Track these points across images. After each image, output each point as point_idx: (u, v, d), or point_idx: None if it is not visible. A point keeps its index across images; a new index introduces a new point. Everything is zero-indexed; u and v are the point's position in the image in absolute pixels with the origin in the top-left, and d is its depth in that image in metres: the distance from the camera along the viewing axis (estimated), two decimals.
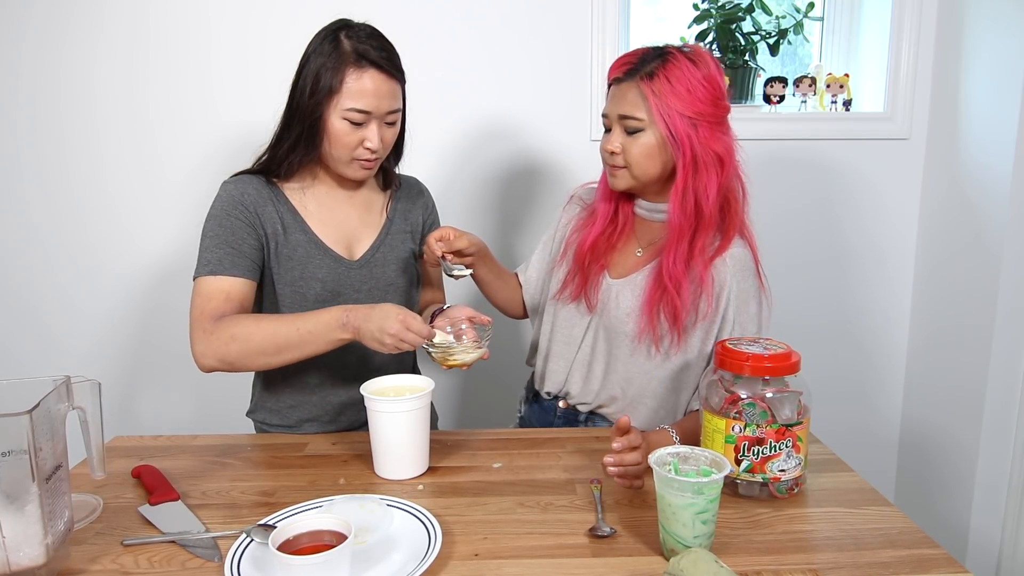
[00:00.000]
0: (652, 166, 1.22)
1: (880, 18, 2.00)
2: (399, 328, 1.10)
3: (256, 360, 1.19)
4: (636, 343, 1.28)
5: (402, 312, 1.13)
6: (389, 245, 1.38)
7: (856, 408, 2.14)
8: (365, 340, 1.14)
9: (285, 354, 1.18)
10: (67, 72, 1.90)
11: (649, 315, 1.25)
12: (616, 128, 1.24)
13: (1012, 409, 1.77)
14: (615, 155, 1.24)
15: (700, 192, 1.21)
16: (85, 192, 1.96)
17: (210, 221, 1.26)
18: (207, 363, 1.19)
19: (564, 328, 1.37)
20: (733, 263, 1.24)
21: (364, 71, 1.21)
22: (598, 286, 1.33)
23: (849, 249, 2.07)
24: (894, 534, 0.97)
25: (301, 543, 0.84)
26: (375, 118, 1.23)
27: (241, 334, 1.17)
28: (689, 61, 1.19)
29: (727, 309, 1.24)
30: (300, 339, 1.17)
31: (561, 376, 1.39)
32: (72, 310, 2.01)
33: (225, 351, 1.17)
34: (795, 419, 1.05)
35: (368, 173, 1.30)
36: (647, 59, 1.20)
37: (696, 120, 1.18)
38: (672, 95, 1.17)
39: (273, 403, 1.39)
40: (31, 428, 0.79)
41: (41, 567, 0.83)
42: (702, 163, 1.20)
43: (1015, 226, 1.70)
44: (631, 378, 1.30)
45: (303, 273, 1.29)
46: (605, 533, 0.97)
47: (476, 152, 1.98)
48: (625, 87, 1.21)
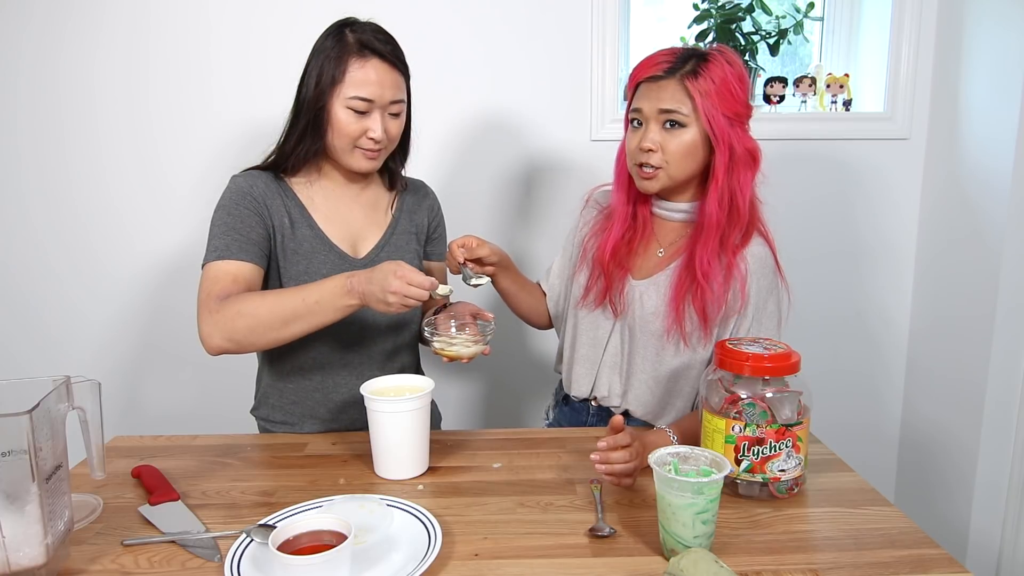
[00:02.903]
0: (689, 164, 1.23)
1: (880, 18, 2.00)
2: (400, 285, 1.10)
3: (264, 335, 1.17)
4: (664, 340, 1.28)
5: (400, 267, 1.11)
6: (394, 245, 1.39)
7: (857, 406, 2.14)
8: (371, 304, 1.13)
9: (293, 326, 1.17)
10: (67, 72, 1.90)
11: (677, 310, 1.25)
12: (652, 124, 1.23)
13: (1012, 408, 1.77)
14: (651, 152, 1.23)
15: (736, 189, 1.22)
16: (85, 192, 1.96)
17: (219, 211, 1.27)
18: (214, 343, 1.17)
19: (588, 332, 1.37)
20: (754, 261, 1.25)
21: (367, 60, 1.23)
22: (623, 289, 1.33)
23: (849, 248, 2.07)
24: (894, 534, 0.97)
25: (301, 543, 0.84)
26: (378, 107, 1.24)
27: (247, 309, 1.16)
28: (727, 62, 1.21)
29: (747, 306, 1.25)
30: (307, 309, 1.16)
31: (588, 380, 1.38)
32: (72, 310, 2.01)
33: (232, 327, 1.16)
34: (795, 419, 1.05)
35: (373, 164, 1.30)
36: (687, 57, 1.21)
37: (733, 119, 1.21)
38: (715, 94, 1.19)
39: (276, 399, 1.39)
40: (31, 428, 0.79)
41: (41, 567, 0.83)
42: (739, 160, 1.22)
43: (1015, 225, 1.70)
44: (660, 378, 1.30)
45: (307, 268, 1.30)
46: (605, 533, 0.97)
47: (476, 152, 1.98)
48: (665, 83, 1.21)
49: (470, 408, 2.14)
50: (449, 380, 2.09)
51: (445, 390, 2.08)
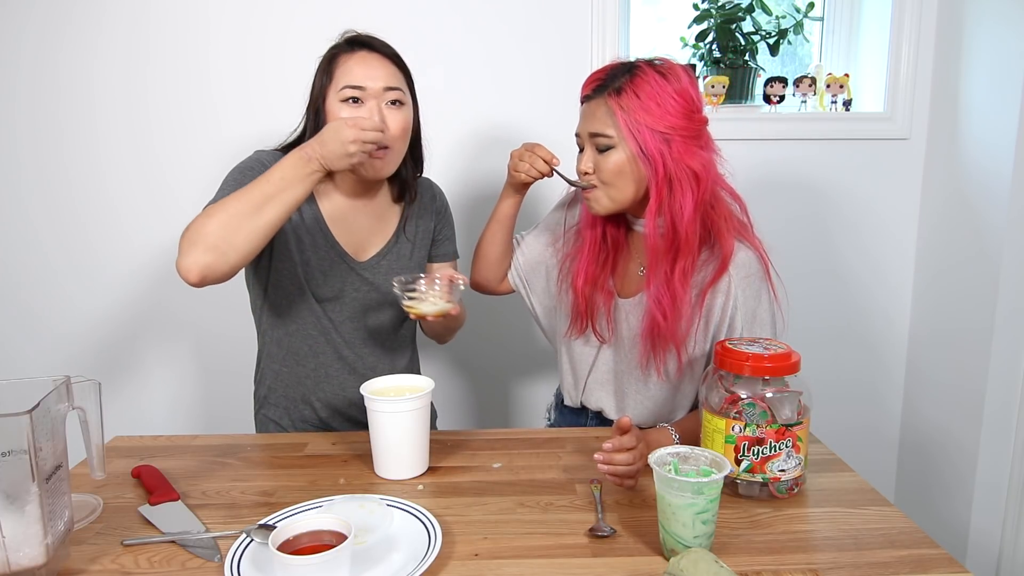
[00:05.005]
0: (625, 185, 1.19)
1: (880, 18, 2.00)
2: (354, 132, 1.11)
3: (241, 227, 1.09)
4: (642, 370, 1.26)
5: (348, 118, 1.13)
6: (396, 254, 1.39)
7: (857, 408, 2.14)
8: (334, 163, 1.12)
9: (267, 209, 1.11)
10: (67, 72, 1.90)
11: (646, 344, 1.23)
12: (588, 147, 1.21)
13: (1012, 409, 1.77)
14: (588, 175, 1.21)
15: (675, 211, 1.15)
16: (85, 192, 1.96)
17: (233, 171, 1.27)
18: (191, 260, 1.08)
19: (577, 349, 1.36)
20: (737, 271, 1.19)
21: (355, 52, 1.26)
22: (610, 312, 1.29)
23: (849, 248, 2.07)
24: (894, 534, 0.97)
25: (301, 543, 0.84)
26: (371, 95, 1.24)
27: (214, 208, 1.11)
28: (658, 74, 1.15)
29: (734, 318, 1.20)
30: (274, 187, 1.12)
31: (577, 393, 1.38)
32: (72, 310, 2.01)
33: (204, 233, 1.08)
34: (795, 419, 1.05)
35: (382, 166, 1.27)
36: (615, 75, 1.17)
37: (668, 135, 1.14)
38: (641, 110, 1.13)
39: (277, 397, 1.40)
40: (31, 428, 0.79)
41: (41, 567, 0.83)
42: (676, 180, 1.15)
43: (1015, 226, 1.70)
44: (654, 395, 1.29)
45: (304, 257, 1.30)
46: (605, 533, 0.97)
47: (474, 154, 1.98)
48: (594, 104, 1.19)
49: (469, 408, 2.14)
50: (449, 380, 2.09)
51: (445, 390, 2.08)
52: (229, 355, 2.00)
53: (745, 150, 1.77)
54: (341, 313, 1.36)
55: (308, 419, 1.40)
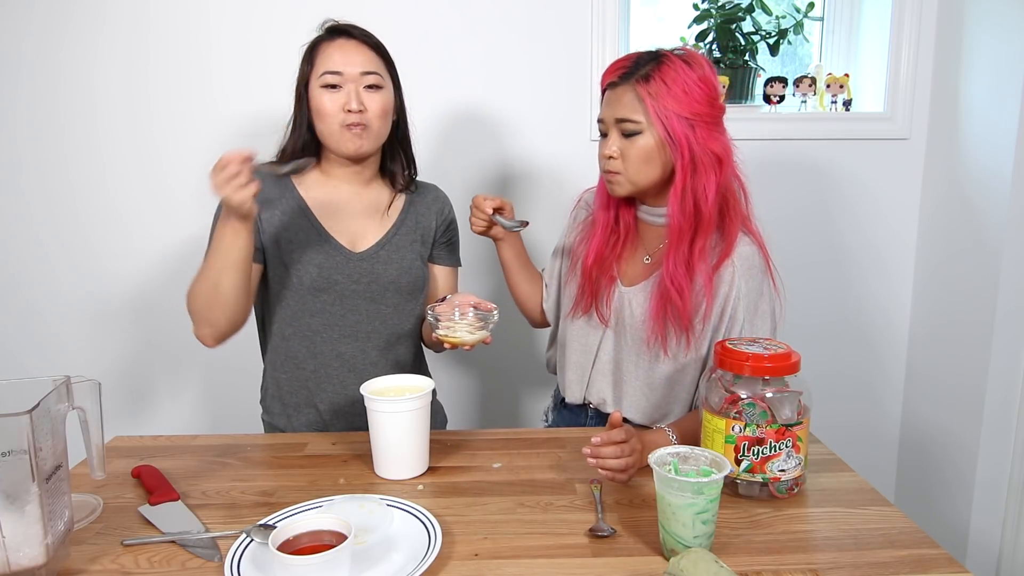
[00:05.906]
0: (651, 169, 1.22)
1: (880, 18, 2.00)
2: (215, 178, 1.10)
3: (212, 306, 1.21)
4: (648, 349, 1.28)
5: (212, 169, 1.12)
6: (395, 245, 1.39)
7: (857, 407, 2.14)
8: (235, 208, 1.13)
9: (224, 280, 1.19)
10: (67, 71, 1.90)
11: (656, 322, 1.25)
12: (613, 132, 1.23)
13: (1012, 409, 1.77)
14: (613, 160, 1.23)
15: (699, 192, 1.20)
16: (85, 191, 1.96)
17: (216, 213, 1.30)
18: (198, 334, 1.26)
19: (579, 339, 1.37)
20: (741, 263, 1.23)
21: (333, 40, 1.31)
22: (611, 297, 1.32)
23: (849, 248, 2.07)
24: (894, 534, 0.97)
25: (301, 543, 0.84)
26: (349, 80, 1.28)
27: (191, 286, 1.24)
28: (683, 63, 1.19)
29: (736, 309, 1.23)
30: (219, 258, 1.19)
31: (581, 386, 1.38)
32: (72, 310, 2.01)
33: (193, 310, 1.24)
34: (795, 419, 1.05)
35: (359, 143, 1.30)
36: (641, 62, 1.20)
37: (693, 121, 1.18)
38: (669, 96, 1.17)
39: (281, 405, 1.41)
40: (31, 428, 0.79)
41: (41, 567, 0.83)
42: (700, 163, 1.20)
43: (1015, 225, 1.70)
44: (653, 385, 1.29)
45: (300, 257, 1.32)
46: (605, 533, 0.97)
47: (475, 153, 1.98)
48: (621, 90, 1.21)
49: (469, 408, 2.14)
50: (449, 380, 2.09)
51: (444, 390, 2.08)
52: (230, 354, 1.99)
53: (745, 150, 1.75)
54: (341, 306, 1.36)
55: (313, 423, 1.40)
